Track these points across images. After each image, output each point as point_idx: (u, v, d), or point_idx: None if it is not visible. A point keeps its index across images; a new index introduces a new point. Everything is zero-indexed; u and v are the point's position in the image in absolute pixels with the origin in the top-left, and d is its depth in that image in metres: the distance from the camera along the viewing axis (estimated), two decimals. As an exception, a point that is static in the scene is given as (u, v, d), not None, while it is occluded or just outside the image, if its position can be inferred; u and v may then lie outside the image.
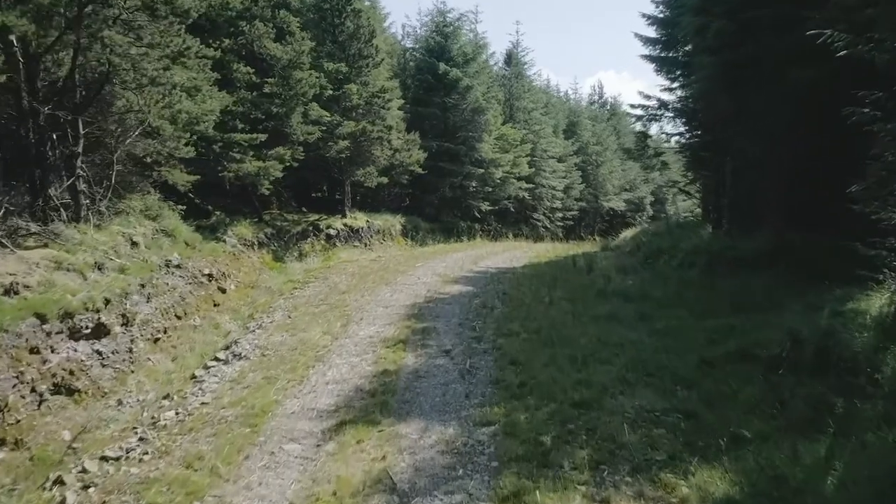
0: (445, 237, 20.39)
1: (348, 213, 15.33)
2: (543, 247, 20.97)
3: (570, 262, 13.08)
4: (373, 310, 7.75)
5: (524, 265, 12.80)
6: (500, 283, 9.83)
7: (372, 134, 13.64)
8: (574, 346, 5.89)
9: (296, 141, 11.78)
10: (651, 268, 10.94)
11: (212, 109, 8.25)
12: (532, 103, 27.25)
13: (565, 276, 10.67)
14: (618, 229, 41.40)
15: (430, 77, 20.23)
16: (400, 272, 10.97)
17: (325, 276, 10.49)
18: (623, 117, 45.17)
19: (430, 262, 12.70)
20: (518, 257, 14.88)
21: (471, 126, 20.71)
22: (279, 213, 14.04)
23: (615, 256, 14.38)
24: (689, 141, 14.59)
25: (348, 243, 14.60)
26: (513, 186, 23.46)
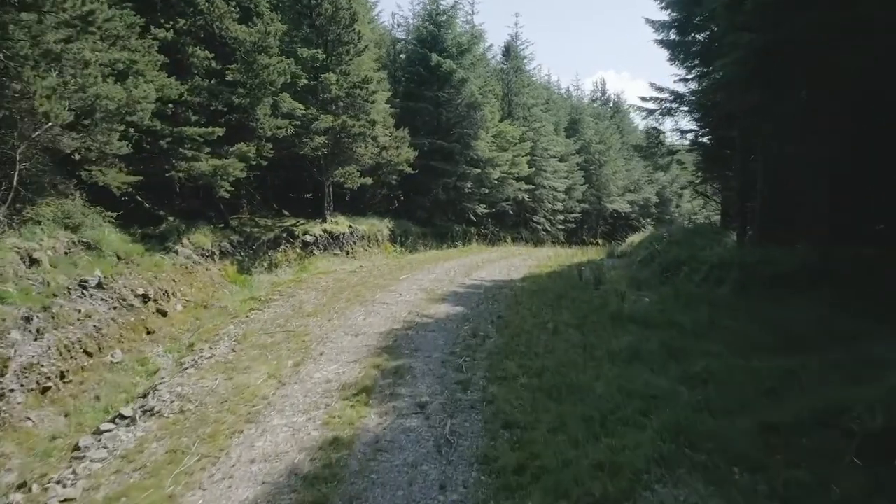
0: (438, 242, 19.06)
1: (329, 217, 13.99)
2: (544, 252, 19.65)
3: (574, 274, 11.75)
4: (338, 340, 6.40)
5: (523, 277, 11.47)
6: (494, 302, 8.50)
7: (353, 129, 12.31)
8: (588, 399, 4.56)
9: (263, 136, 10.44)
10: (670, 283, 9.61)
11: (145, 97, 6.90)
12: (532, 99, 25.96)
13: (570, 291, 9.35)
14: (621, 232, 40.15)
15: (422, 69, 18.91)
16: (380, 287, 9.63)
17: (293, 293, 9.14)
18: (626, 115, 43.98)
19: (416, 274, 11.36)
20: (516, 266, 13.55)
21: (466, 122, 19.40)
22: (249, 218, 12.69)
23: (625, 266, 13.07)
24: (708, 137, 13.31)
25: (328, 251, 13.26)
26: (511, 187, 22.15)
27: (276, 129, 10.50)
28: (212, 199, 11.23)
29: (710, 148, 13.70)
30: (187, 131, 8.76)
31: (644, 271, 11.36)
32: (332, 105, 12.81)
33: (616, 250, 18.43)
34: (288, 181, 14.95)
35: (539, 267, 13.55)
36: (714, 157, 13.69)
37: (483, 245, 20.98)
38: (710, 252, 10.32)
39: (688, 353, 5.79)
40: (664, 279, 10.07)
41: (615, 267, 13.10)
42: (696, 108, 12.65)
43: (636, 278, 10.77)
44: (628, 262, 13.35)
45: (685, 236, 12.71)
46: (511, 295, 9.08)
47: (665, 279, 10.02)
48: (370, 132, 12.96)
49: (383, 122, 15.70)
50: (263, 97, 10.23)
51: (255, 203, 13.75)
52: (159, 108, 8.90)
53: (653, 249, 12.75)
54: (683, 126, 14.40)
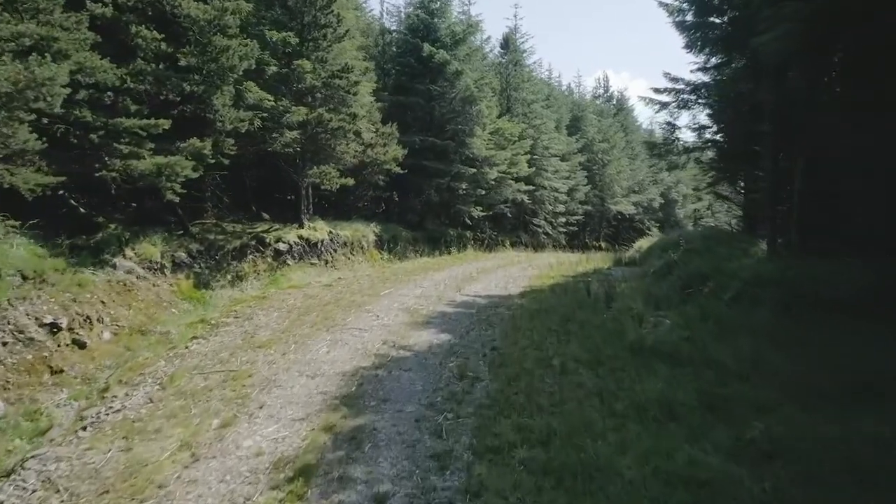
0: (431, 248, 17.78)
1: (306, 222, 12.69)
2: (545, 259, 18.37)
3: (581, 288, 10.48)
4: (289, 384, 5.11)
5: (522, 291, 10.20)
6: (488, 327, 7.22)
7: (331, 124, 11.02)
8: (614, 491, 3.28)
9: (223, 130, 9.15)
10: (693, 301, 8.33)
11: (51, 78, 5.59)
12: (532, 94, 24.71)
13: (578, 312, 8.07)
14: (625, 234, 38.94)
15: (414, 61, 17.65)
16: (356, 306, 8.34)
17: (252, 314, 7.85)
18: (630, 113, 42.78)
19: (401, 288, 10.08)
20: (515, 277, 12.28)
21: (461, 118, 18.13)
22: (215, 224, 11.40)
23: (636, 277, 11.80)
24: (726, 133, 12.05)
25: (304, 260, 11.96)
26: (510, 188, 20.89)
27: (238, 123, 9.20)
28: (170, 202, 9.97)
29: (731, 144, 12.44)
30: (124, 123, 7.47)
31: (660, 285, 10.08)
32: (308, 97, 11.52)
33: (623, 257, 17.17)
34: (265, 182, 13.68)
35: (540, 278, 12.28)
36: (735, 154, 12.43)
37: (479, 251, 19.71)
38: (739, 264, 9.06)
39: (735, 404, 4.53)
40: (686, 296, 8.78)
41: (625, 279, 11.82)
42: (718, 100, 11.39)
43: (652, 294, 9.48)
44: (640, 273, 12.08)
45: (704, 244, 11.42)
46: (508, 316, 7.79)
47: (687, 296, 8.74)
48: (351, 127, 11.67)
49: (368, 116, 14.42)
50: (223, 85, 8.94)
51: (223, 206, 12.46)
52: (93, 97, 7.64)
53: (668, 259, 11.47)
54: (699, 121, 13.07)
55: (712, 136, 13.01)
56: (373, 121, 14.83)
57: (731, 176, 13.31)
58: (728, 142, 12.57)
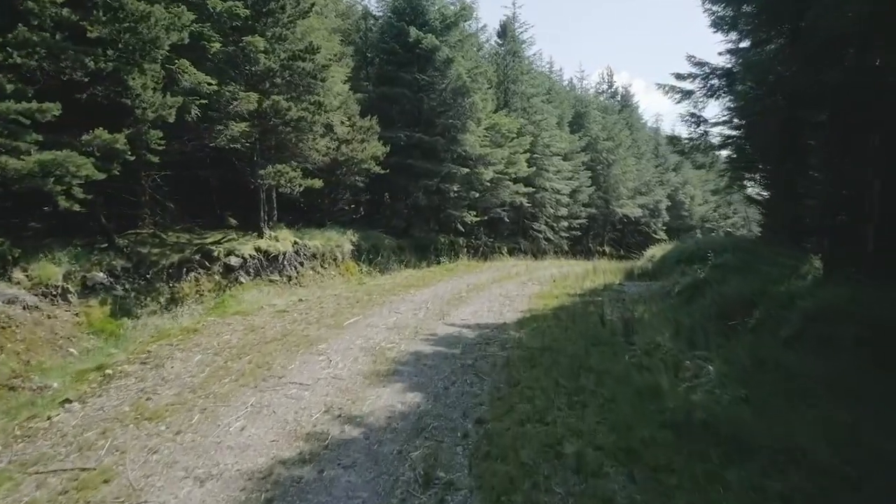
0: (418, 258, 16.06)
1: (267, 230, 10.95)
2: (547, 270, 16.67)
3: (592, 311, 8.80)
4: (160, 497, 3.38)
5: (521, 317, 8.48)
6: (474, 379, 5.48)
7: (290, 113, 9.28)
8: None
9: (145, 119, 7.41)
10: (738, 338, 6.64)
11: None
12: (532, 88, 23.04)
13: (592, 352, 6.36)
14: (631, 238, 37.22)
15: (399, 46, 15.94)
16: (307, 343, 6.61)
17: (166, 358, 6.10)
18: (635, 109, 41.16)
19: (371, 314, 8.35)
20: (512, 296, 10.56)
21: (452, 112, 16.42)
22: (152, 234, 9.67)
23: (657, 297, 10.09)
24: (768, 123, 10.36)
25: (261, 277, 10.23)
26: (507, 190, 19.20)
27: (165, 110, 7.46)
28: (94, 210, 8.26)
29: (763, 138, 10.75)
30: (-5, 107, 5.73)
31: (690, 311, 8.37)
32: (265, 82, 9.80)
33: (635, 268, 15.49)
34: (228, 184, 11.89)
35: (542, 296, 10.57)
36: (770, 151, 10.75)
37: (473, 260, 17.99)
38: (790, 287, 7.37)
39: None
40: (727, 329, 7.08)
41: (643, 298, 10.13)
42: (753, 86, 9.71)
43: (682, 324, 7.78)
44: (660, 292, 10.38)
45: (738, 258, 9.73)
46: (502, 361, 6.06)
47: (728, 330, 7.03)
48: (318, 119, 9.94)
49: (344, 108, 12.72)
50: (143, 62, 7.21)
51: (169, 213, 10.71)
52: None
53: (695, 276, 9.77)
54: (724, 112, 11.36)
55: (735, 131, 11.37)
56: (349, 114, 13.13)
57: (767, 176, 11.64)
58: (761, 136, 10.90)
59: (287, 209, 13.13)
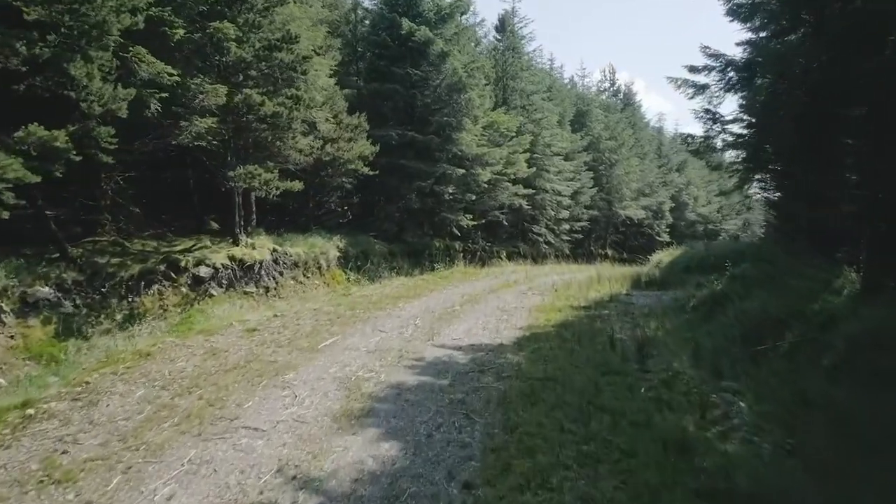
0: (412, 264, 15.22)
1: (243, 237, 10.11)
2: (548, 276, 15.85)
3: (598, 328, 7.97)
4: None
5: (520, 336, 7.64)
6: (463, 422, 4.63)
7: (263, 109, 8.43)
8: None
9: (92, 114, 6.56)
10: (771, 366, 5.80)
11: None
12: (532, 85, 22.21)
13: (602, 383, 5.52)
14: (634, 241, 36.39)
15: (390, 39, 15.11)
16: (272, 372, 5.76)
17: (104, 392, 5.25)
18: (638, 108, 40.37)
19: (352, 334, 7.50)
20: (510, 309, 9.72)
21: (447, 109, 15.59)
22: (111, 242, 8.82)
23: (670, 311, 9.26)
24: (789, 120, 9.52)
25: (235, 289, 9.38)
26: (506, 192, 18.36)
27: (116, 104, 6.61)
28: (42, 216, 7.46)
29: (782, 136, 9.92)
30: None
31: (709, 330, 7.53)
32: (239, 74, 8.96)
33: (642, 275, 14.66)
34: (208, 185, 11.00)
35: (543, 309, 9.73)
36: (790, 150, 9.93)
37: (470, 266, 17.14)
38: (825, 305, 6.54)
39: None
40: (753, 353, 6.24)
41: (654, 312, 9.30)
42: (775, 79, 8.88)
43: (701, 345, 6.96)
44: (672, 305, 9.54)
45: (759, 269, 8.89)
46: (497, 395, 5.22)
47: (756, 355, 6.20)
48: (297, 115, 9.08)
49: (330, 104, 11.89)
50: (88, 49, 6.36)
51: (134, 218, 9.86)
52: None
53: (711, 289, 8.93)
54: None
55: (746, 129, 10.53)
56: (336, 110, 12.30)
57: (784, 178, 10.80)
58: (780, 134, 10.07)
59: (268, 213, 12.31)
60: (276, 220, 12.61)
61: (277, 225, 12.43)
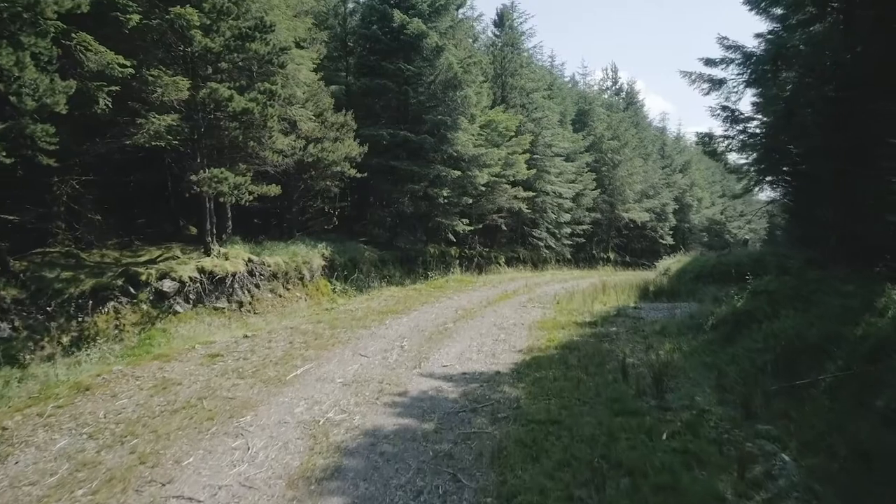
0: (404, 272, 14.41)
1: (215, 246, 9.27)
2: (549, 286, 15.04)
3: (609, 353, 7.14)
4: None
5: (519, 361, 6.80)
6: (449, 487, 3.79)
7: (231, 105, 7.60)
8: None
9: (26, 109, 5.72)
10: (813, 404, 4.98)
11: None
12: (532, 82, 21.41)
13: (614, 426, 4.69)
14: (637, 244, 35.59)
15: (382, 33, 14.29)
16: (227, 413, 4.92)
17: (23, 440, 4.41)
18: (641, 108, 39.60)
19: (328, 360, 6.66)
20: (509, 327, 8.89)
21: (442, 107, 14.77)
22: (63, 254, 8.00)
23: (685, 329, 8.41)
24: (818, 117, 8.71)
25: (204, 304, 8.55)
26: (505, 195, 17.54)
27: (52, 97, 5.77)
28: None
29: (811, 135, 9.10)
30: None
31: (733, 353, 6.70)
32: (206, 66, 8.13)
33: (649, 284, 13.84)
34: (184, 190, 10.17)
35: (545, 326, 8.91)
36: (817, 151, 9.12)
37: (466, 274, 16.31)
38: (871, 329, 5.72)
39: None
40: (791, 389, 5.42)
41: (667, 330, 8.48)
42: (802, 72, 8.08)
43: (726, 374, 6.14)
44: (689, 323, 8.69)
45: (787, 282, 8.06)
46: (492, 447, 4.37)
47: (793, 390, 5.37)
48: (271, 112, 8.25)
49: (313, 101, 11.07)
50: (20, 35, 5.53)
51: (94, 226, 9.02)
52: None
53: (732, 305, 8.09)
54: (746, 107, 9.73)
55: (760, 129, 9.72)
56: (321, 108, 11.47)
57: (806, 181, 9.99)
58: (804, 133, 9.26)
59: (247, 219, 11.47)
60: (255, 227, 11.79)
61: (257, 231, 11.61)
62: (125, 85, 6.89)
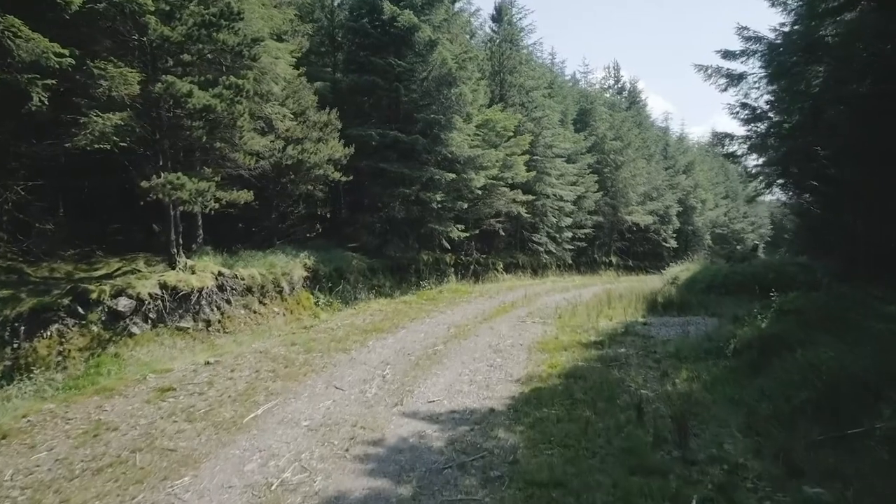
0: (395, 282, 13.59)
1: (181, 258, 8.45)
2: (550, 297, 14.24)
3: (620, 385, 6.32)
4: None
5: (517, 397, 5.97)
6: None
7: (192, 101, 6.77)
8: None
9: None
10: (867, 458, 4.17)
11: None
12: (532, 80, 20.61)
13: (633, 493, 3.86)
14: (639, 247, 34.77)
15: (371, 26, 13.48)
16: (161, 473, 4.09)
17: None
18: (643, 108, 38.81)
19: (298, 394, 5.82)
20: (506, 348, 8.07)
21: (436, 106, 13.96)
22: (4, 269, 7.17)
23: (706, 356, 7.56)
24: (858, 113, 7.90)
25: (166, 324, 7.71)
26: (503, 199, 16.72)
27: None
28: None
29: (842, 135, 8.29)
30: None
31: (761, 386, 5.87)
32: (166, 58, 7.31)
33: (658, 295, 13.03)
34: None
35: (546, 347, 8.09)
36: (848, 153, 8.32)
37: (462, 282, 15.50)
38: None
39: None
40: (838, 440, 4.60)
41: (681, 353, 7.64)
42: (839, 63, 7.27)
43: (756, 412, 5.32)
44: (707, 346, 7.84)
45: (819, 301, 7.25)
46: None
47: (843, 440, 4.55)
48: (239, 109, 7.42)
49: (294, 99, 10.26)
50: (-76, 16, 4.70)
51: (44, 236, 8.18)
52: None
53: (757, 328, 7.27)
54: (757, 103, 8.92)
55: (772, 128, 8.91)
56: (303, 106, 10.65)
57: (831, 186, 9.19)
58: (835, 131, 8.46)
59: (220, 227, 10.63)
60: (233, 235, 10.95)
61: (235, 239, 10.76)
62: (67, 79, 6.08)
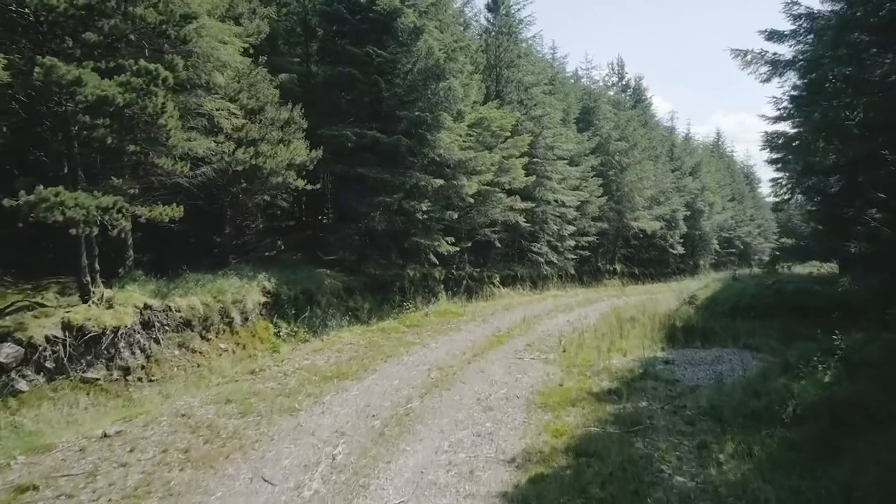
0: (375, 303, 12.07)
1: (97, 288, 6.91)
2: (552, 320, 12.74)
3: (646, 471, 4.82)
4: None
5: (510, 489, 4.46)
6: None
7: (83, 93, 5.23)
8: None
9: None
10: None
11: None
12: (531, 76, 19.12)
13: None
14: (645, 254, 33.26)
15: (348, 11, 11.97)
16: None
17: None
18: (649, 107, 37.36)
19: (212, 489, 4.29)
20: (498, 404, 6.55)
21: (422, 102, 12.45)
22: None
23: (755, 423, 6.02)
24: None
25: (69, 375, 6.18)
26: (499, 206, 15.21)
27: None
28: None
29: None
30: None
31: (839, 478, 4.37)
32: (64, 39, 5.78)
33: (676, 319, 11.54)
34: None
35: (548, 402, 6.58)
36: None
37: (453, 302, 13.97)
38: None
39: None
40: None
41: (721, 413, 6.11)
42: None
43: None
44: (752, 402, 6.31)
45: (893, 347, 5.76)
46: None
47: None
48: (155, 102, 5.89)
49: (250, 92, 8.75)
50: None
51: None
52: None
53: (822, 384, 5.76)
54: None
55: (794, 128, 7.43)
56: (260, 103, 9.13)
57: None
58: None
59: (164, 247, 9.09)
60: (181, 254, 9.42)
61: (183, 260, 9.21)
62: None
